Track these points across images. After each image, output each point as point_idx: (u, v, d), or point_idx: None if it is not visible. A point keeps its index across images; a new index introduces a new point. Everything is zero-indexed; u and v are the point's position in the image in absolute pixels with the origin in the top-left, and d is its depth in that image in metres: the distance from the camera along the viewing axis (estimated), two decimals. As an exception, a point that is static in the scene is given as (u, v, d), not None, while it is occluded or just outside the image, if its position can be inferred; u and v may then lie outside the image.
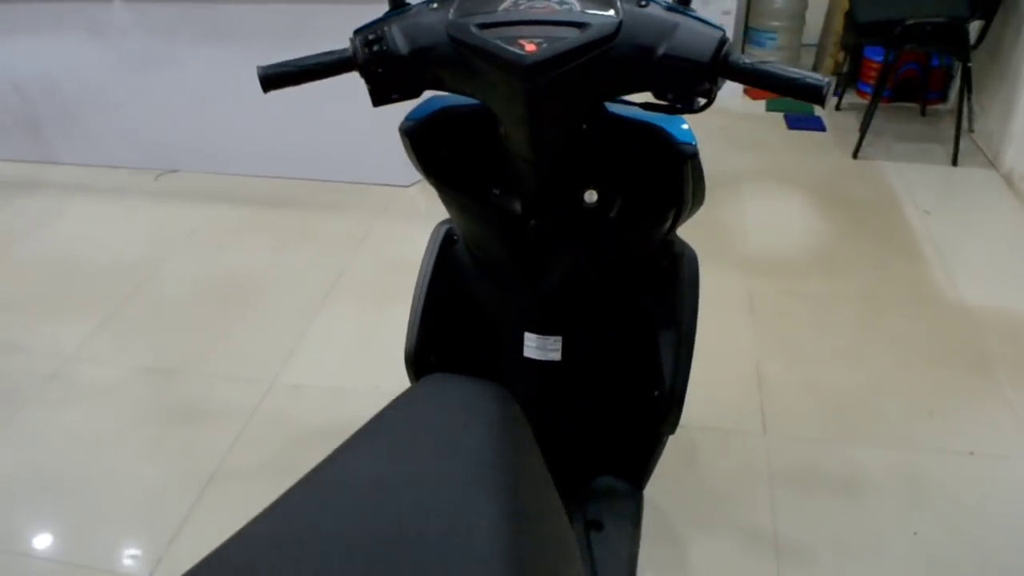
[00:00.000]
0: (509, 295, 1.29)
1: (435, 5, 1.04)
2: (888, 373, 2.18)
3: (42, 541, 1.81)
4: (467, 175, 1.22)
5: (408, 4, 1.07)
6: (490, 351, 1.41)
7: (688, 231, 1.32)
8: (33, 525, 1.85)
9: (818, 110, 3.77)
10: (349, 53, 1.06)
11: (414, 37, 1.03)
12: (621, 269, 1.29)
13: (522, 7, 0.97)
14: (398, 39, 1.03)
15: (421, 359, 1.43)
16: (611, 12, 0.93)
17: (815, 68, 4.12)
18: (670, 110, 1.00)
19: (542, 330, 1.28)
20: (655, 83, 0.96)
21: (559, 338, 1.28)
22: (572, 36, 0.91)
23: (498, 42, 0.93)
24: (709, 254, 2.81)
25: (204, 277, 2.74)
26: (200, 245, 2.90)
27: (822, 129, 3.60)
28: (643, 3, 0.95)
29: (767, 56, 3.91)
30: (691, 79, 0.92)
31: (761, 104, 3.84)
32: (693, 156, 1.12)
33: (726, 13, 3.73)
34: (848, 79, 3.83)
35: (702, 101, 0.99)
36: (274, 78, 1.09)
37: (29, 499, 1.92)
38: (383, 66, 1.03)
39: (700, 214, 1.28)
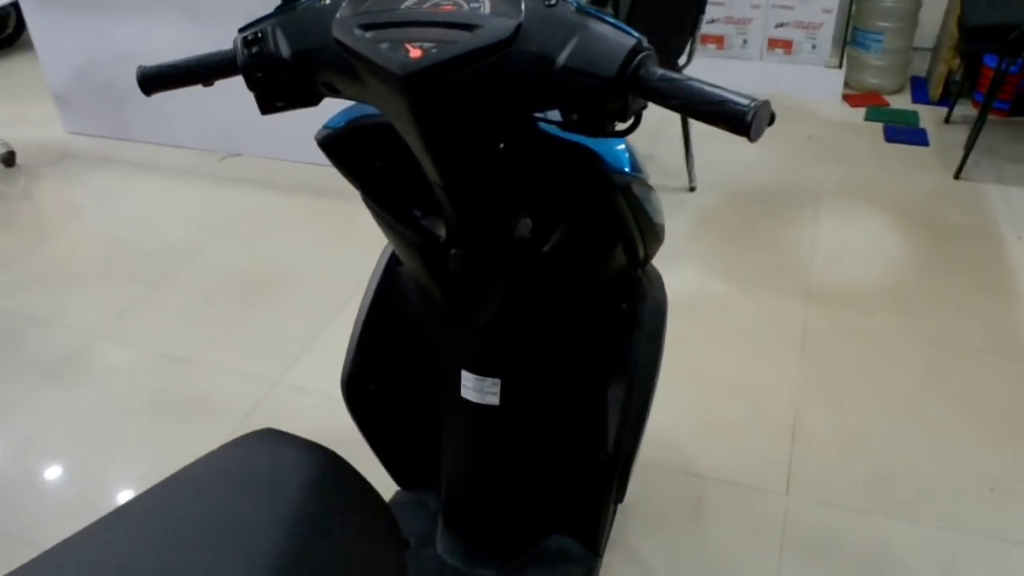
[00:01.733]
0: (446, 327, 1.15)
1: (326, 2, 0.90)
2: (948, 436, 1.89)
3: (14, 525, 1.79)
4: (392, 190, 1.08)
5: (297, 1, 0.94)
6: (430, 386, 1.28)
7: (745, 250, 1.13)
8: (11, 508, 1.84)
9: (924, 120, 3.39)
10: (232, 54, 0.94)
11: (297, 38, 0.90)
12: (568, 308, 1.13)
13: (424, 6, 0.82)
14: (281, 40, 0.90)
15: (357, 387, 1.32)
16: (512, 14, 0.77)
17: (928, 75, 3.73)
18: (582, 132, 0.82)
19: (479, 370, 1.13)
20: (559, 100, 0.79)
21: (497, 381, 1.13)
22: (461, 40, 0.76)
23: (379, 46, 0.79)
24: (765, 278, 2.64)
25: (239, 265, 2.71)
26: (243, 232, 2.87)
27: (924, 144, 3.23)
28: (551, 2, 0.78)
29: (872, 62, 3.56)
30: (594, 97, 0.76)
31: (860, 112, 3.50)
32: (625, 188, 0.94)
33: (827, 11, 3.41)
34: (963, 88, 3.44)
35: (622, 124, 0.81)
36: (152, 79, 0.99)
37: (14, 482, 1.91)
38: (264, 70, 0.91)
39: (764, 232, 1.08)
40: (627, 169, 0.94)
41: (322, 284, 2.55)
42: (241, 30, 0.92)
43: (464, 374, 1.13)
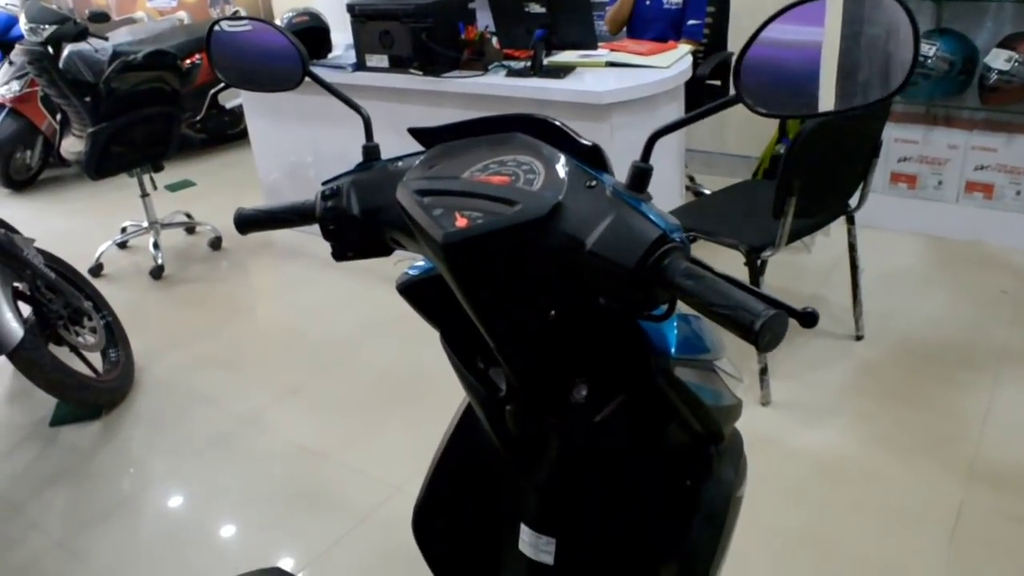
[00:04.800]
0: (512, 477, 1.14)
1: (399, 164, 0.96)
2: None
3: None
4: (465, 339, 1.11)
5: (375, 160, 1.00)
6: (494, 531, 1.26)
7: (907, 411, 1.07)
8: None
9: None
10: (314, 205, 1.01)
11: (367, 196, 0.96)
12: (627, 477, 1.09)
13: (483, 175, 0.86)
14: (353, 197, 0.97)
15: (426, 520, 1.32)
16: (553, 191, 0.79)
17: None
18: (611, 316, 0.82)
19: (536, 526, 1.11)
20: (589, 282, 0.79)
21: (552, 540, 1.10)
22: (501, 214, 0.79)
23: (431, 211, 0.82)
24: (924, 446, 2.42)
25: (391, 367, 2.83)
26: (405, 333, 3.00)
27: None
28: (591, 183, 0.80)
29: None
30: (616, 285, 0.76)
31: (1071, 266, 3.15)
32: (665, 371, 0.91)
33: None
34: None
35: (659, 310, 0.80)
36: (248, 221, 1.09)
37: (151, 550, 2.07)
38: (336, 223, 0.97)
39: (931, 393, 1.02)
40: (672, 351, 0.90)
41: (457, 395, 2.60)
42: (324, 183, 1.00)
43: (523, 527, 1.11)
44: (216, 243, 3.84)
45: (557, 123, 0.88)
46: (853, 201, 2.56)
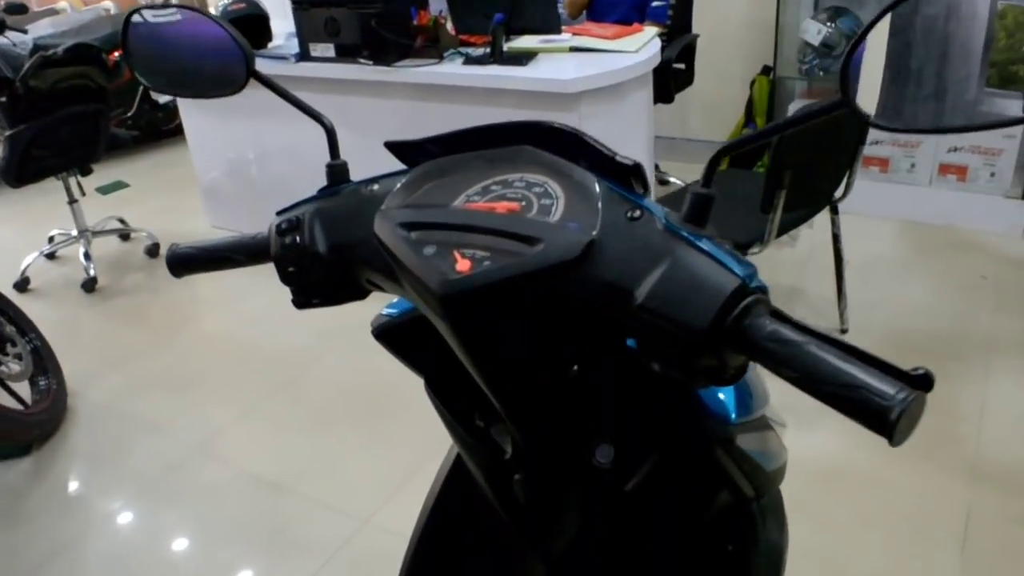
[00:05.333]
0: (516, 548, 0.97)
1: (375, 187, 0.77)
2: None
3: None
4: (456, 388, 0.92)
5: (344, 183, 0.81)
6: None
7: None
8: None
9: None
10: (267, 240, 0.82)
11: (337, 229, 0.77)
12: (658, 547, 0.92)
13: (484, 199, 0.68)
14: (318, 231, 0.78)
15: None
16: (584, 225, 0.62)
17: None
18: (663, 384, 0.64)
19: None
20: (637, 343, 0.62)
21: None
22: (518, 257, 0.61)
23: (421, 251, 0.65)
24: (922, 447, 2.24)
25: (351, 381, 2.63)
26: (363, 344, 2.80)
27: None
28: (634, 214, 0.62)
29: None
30: (679, 351, 0.58)
31: (1050, 248, 3.09)
32: (726, 441, 0.74)
33: (1009, 136, 3.05)
34: None
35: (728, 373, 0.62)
36: (183, 261, 0.88)
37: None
38: (297, 264, 0.78)
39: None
40: (732, 417, 0.74)
41: (429, 410, 2.42)
42: (279, 212, 0.80)
43: None
44: (153, 250, 3.56)
45: (579, 133, 0.69)
46: (838, 191, 2.44)
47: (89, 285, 3.32)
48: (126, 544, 2.04)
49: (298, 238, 0.76)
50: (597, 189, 0.64)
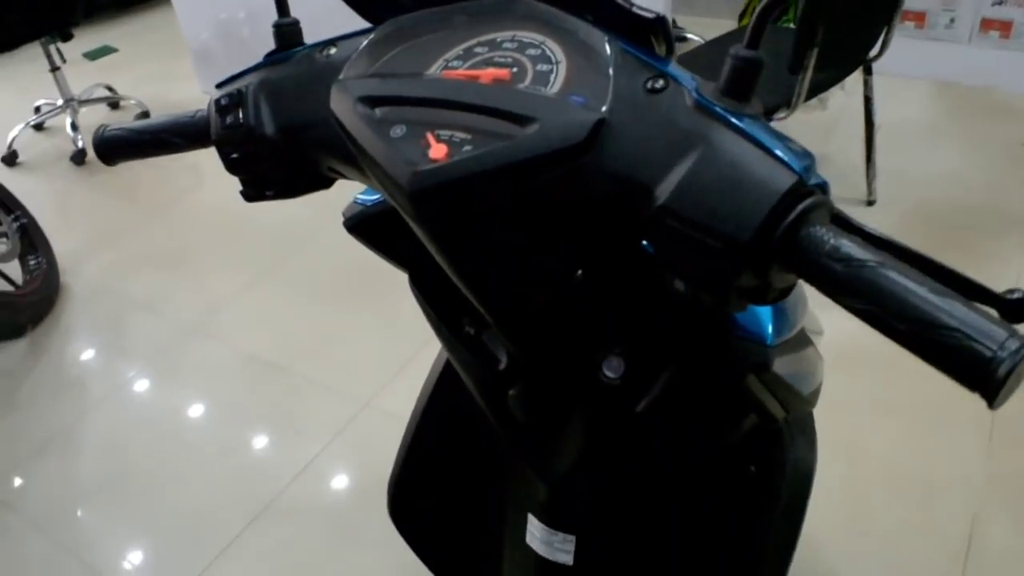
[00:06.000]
0: (513, 465, 0.89)
1: (332, 51, 0.64)
2: None
3: (75, 538, 1.70)
4: (444, 287, 0.81)
5: (295, 47, 0.67)
6: (489, 520, 1.01)
7: None
8: (83, 521, 1.75)
9: None
10: (204, 121, 0.69)
11: (284, 105, 0.64)
12: (671, 468, 0.84)
13: (465, 65, 0.56)
14: (264, 109, 0.65)
15: (403, 502, 1.08)
16: (592, 100, 0.49)
17: None
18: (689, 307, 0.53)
19: (550, 522, 0.86)
20: (655, 254, 0.50)
21: (572, 537, 0.86)
22: (506, 142, 0.49)
23: (383, 134, 0.53)
24: None
25: (351, 258, 2.50)
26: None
27: None
28: (656, 84, 0.49)
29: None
30: (713, 266, 0.46)
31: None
32: (761, 366, 0.63)
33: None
34: None
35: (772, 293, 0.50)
36: (112, 146, 0.76)
37: (91, 492, 1.82)
38: (241, 149, 0.65)
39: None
40: (770, 338, 0.62)
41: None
42: (218, 85, 0.67)
43: (532, 520, 0.87)
44: (144, 118, 3.38)
45: None
46: (873, 52, 2.23)
47: (78, 158, 3.18)
48: (124, 426, 2.00)
49: (241, 117, 0.64)
50: (608, 50, 0.51)
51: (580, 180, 0.48)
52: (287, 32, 0.68)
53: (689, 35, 3.33)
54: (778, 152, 0.44)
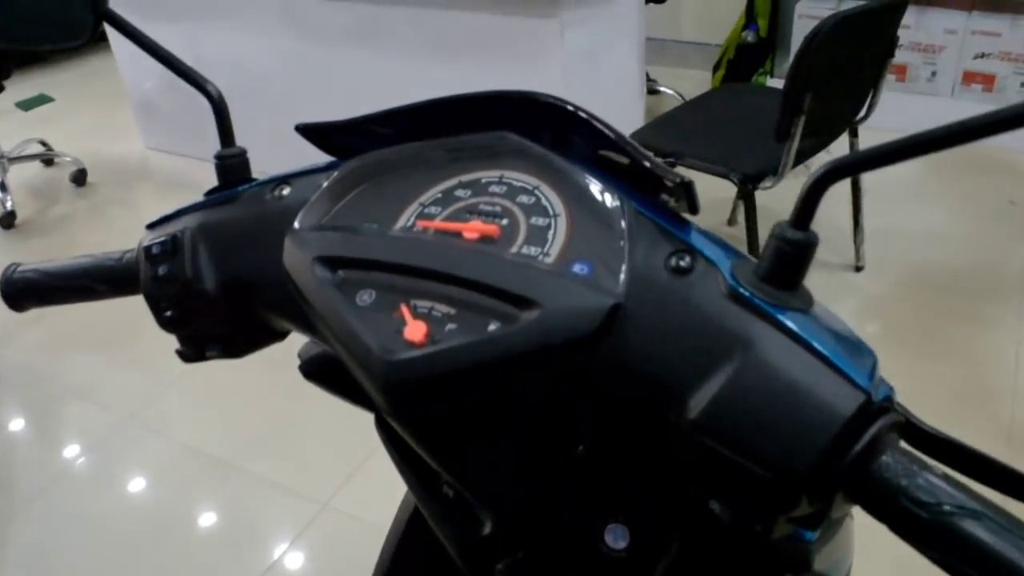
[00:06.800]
0: None
1: (285, 191, 0.53)
2: None
3: None
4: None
5: (241, 184, 0.56)
6: None
7: (924, 361, 0.77)
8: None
9: None
10: (132, 266, 0.59)
11: (228, 257, 0.54)
12: None
13: (439, 218, 0.47)
14: (203, 258, 0.54)
15: None
16: (604, 278, 0.41)
17: None
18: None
19: None
20: (685, 471, 0.42)
21: None
22: (501, 325, 0.41)
23: (349, 304, 0.44)
24: (951, 405, 1.93)
25: (303, 341, 2.33)
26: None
27: None
28: (681, 262, 0.41)
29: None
30: (761, 496, 0.38)
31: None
32: (802, 567, 0.52)
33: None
34: None
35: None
36: (20, 289, 0.62)
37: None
38: (177, 306, 0.55)
39: (950, 335, 0.64)
40: (811, 533, 0.50)
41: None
42: (150, 226, 0.56)
43: None
44: (80, 177, 3.17)
45: (590, 117, 0.44)
46: (860, 114, 2.13)
47: (7, 220, 2.94)
48: (54, 532, 1.78)
49: (176, 268, 0.53)
50: (620, 210, 0.42)
51: (591, 376, 0.41)
52: (232, 165, 0.58)
53: (662, 88, 3.22)
54: (839, 364, 0.36)
